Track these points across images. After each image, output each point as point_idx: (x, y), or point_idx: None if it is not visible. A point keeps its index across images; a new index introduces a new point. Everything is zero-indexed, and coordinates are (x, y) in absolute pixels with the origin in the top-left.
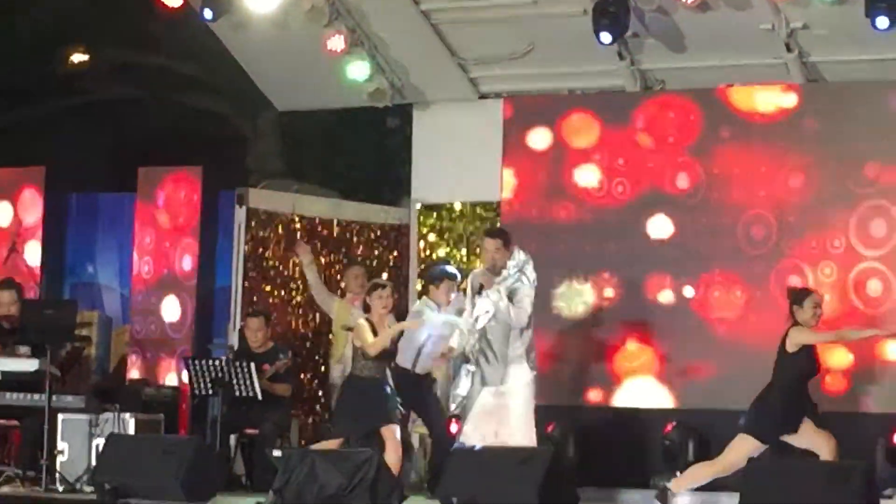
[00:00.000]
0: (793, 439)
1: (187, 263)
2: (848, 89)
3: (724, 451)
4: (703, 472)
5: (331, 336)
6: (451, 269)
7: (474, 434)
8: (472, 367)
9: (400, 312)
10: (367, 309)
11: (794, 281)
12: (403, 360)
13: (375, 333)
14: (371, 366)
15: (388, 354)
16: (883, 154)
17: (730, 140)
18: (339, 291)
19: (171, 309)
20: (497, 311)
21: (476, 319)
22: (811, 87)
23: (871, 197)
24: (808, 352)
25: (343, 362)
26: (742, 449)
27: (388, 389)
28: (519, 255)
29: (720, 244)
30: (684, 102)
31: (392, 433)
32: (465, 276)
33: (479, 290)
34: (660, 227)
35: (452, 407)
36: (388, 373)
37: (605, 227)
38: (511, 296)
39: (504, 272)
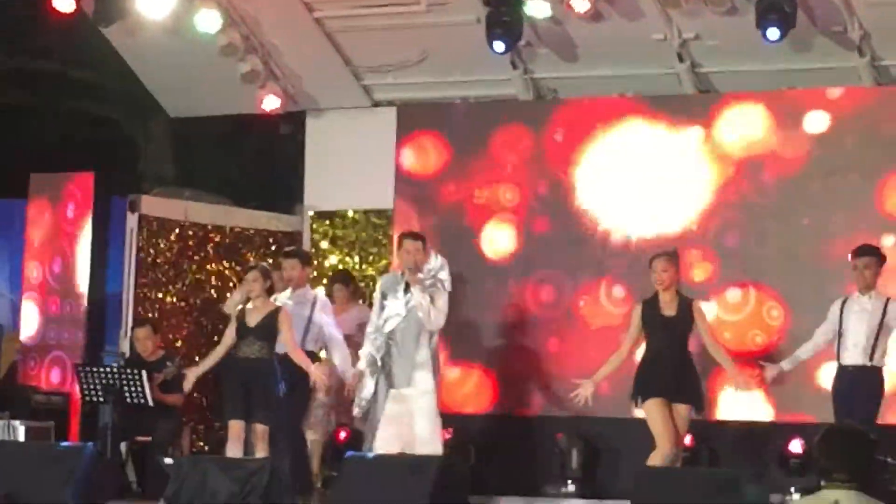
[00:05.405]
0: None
1: (79, 270)
2: None
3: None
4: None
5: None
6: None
7: (381, 441)
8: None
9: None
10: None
11: None
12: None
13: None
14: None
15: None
16: None
17: None
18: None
19: (62, 316)
20: (419, 309)
21: (385, 322)
22: None
23: None
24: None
25: None
26: (649, 417)
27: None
28: (435, 260)
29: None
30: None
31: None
32: (355, 283)
33: (405, 289)
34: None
35: (356, 411)
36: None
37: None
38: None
39: (420, 276)
